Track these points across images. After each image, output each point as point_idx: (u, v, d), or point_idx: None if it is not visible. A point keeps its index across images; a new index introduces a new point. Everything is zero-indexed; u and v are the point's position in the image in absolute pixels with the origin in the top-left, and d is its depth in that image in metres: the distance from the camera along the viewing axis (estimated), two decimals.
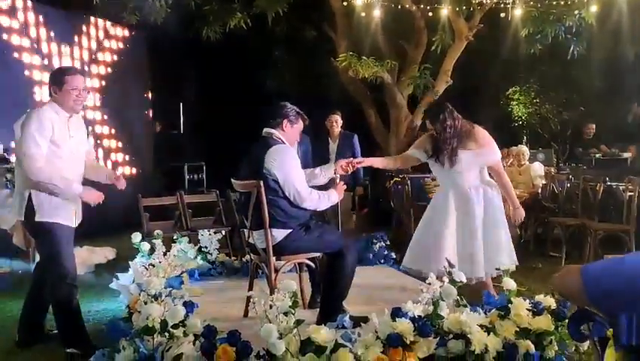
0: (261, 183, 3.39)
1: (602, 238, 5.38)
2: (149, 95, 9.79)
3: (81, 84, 3.23)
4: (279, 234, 3.45)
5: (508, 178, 3.78)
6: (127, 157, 9.12)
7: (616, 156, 7.78)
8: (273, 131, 3.52)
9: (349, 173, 3.94)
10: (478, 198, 3.69)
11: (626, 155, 7.73)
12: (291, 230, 3.45)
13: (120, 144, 8.96)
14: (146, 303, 2.77)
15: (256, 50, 9.98)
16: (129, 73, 9.10)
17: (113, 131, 8.80)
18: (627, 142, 8.48)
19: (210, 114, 10.40)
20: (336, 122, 6.14)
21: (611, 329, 1.07)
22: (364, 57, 7.54)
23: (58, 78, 3.20)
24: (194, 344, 2.62)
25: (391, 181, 6.65)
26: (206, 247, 5.03)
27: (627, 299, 1.06)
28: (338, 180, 3.69)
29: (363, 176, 6.67)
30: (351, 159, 3.98)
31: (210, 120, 10.38)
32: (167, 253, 4.33)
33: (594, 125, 9.41)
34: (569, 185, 6.35)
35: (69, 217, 3.28)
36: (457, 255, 3.64)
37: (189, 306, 3.00)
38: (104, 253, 6.20)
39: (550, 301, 2.99)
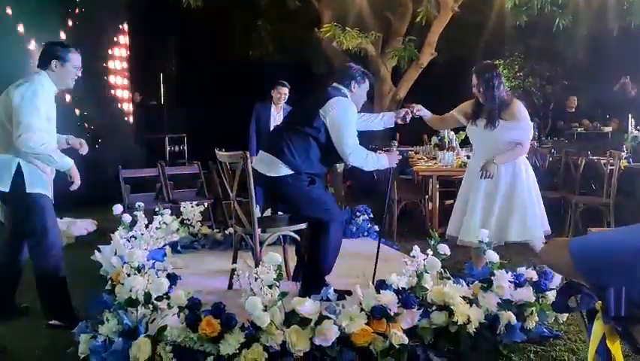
0: (247, 154, 3.35)
1: (582, 211, 5.46)
2: (128, 65, 9.56)
3: (80, 63, 3.28)
4: (284, 170, 3.35)
5: (518, 154, 3.68)
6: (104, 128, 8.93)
7: (597, 130, 7.86)
8: (342, 87, 3.50)
9: (408, 122, 3.90)
10: (506, 167, 3.64)
11: (608, 129, 7.81)
12: (297, 173, 3.36)
13: (101, 114, 8.74)
14: (129, 275, 2.74)
15: (238, 19, 9.78)
16: (107, 43, 8.84)
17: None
18: (609, 116, 8.58)
19: (191, 85, 10.23)
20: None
21: (599, 301, 1.07)
22: (348, 28, 7.43)
23: (63, 54, 3.22)
24: (178, 316, 2.60)
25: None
26: (188, 220, 4.99)
27: (615, 271, 1.06)
28: (394, 149, 3.71)
29: None
30: (412, 106, 3.89)
31: (191, 91, 10.22)
32: (149, 225, 4.28)
33: (576, 99, 9.49)
34: (550, 158, 6.41)
35: (50, 189, 3.29)
36: (482, 220, 3.63)
37: (173, 278, 2.98)
38: (84, 225, 6.12)
39: (531, 274, 3.04)
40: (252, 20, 9.79)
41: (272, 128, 5.91)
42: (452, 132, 6.16)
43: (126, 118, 9.16)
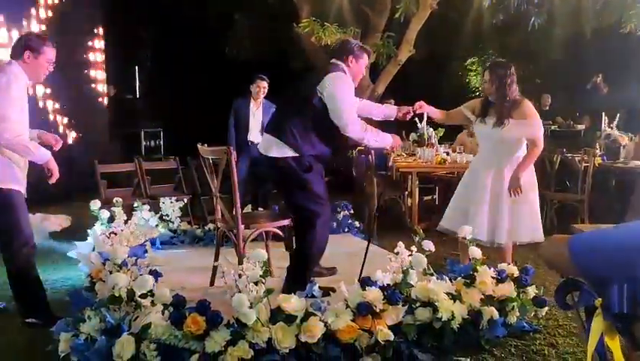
0: (231, 149, 3.31)
1: (557, 207, 5.57)
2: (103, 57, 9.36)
3: (53, 57, 3.19)
4: (286, 151, 3.31)
5: (534, 157, 3.69)
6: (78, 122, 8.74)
7: (571, 127, 8.03)
8: (339, 62, 3.45)
9: (407, 119, 3.90)
10: (511, 166, 3.64)
11: (581, 127, 7.98)
12: (299, 155, 3.32)
13: (75, 109, 8.55)
14: (111, 272, 2.68)
15: (216, 13, 9.67)
16: (84, 35, 8.64)
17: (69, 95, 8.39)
18: (579, 114, 8.77)
19: (167, 79, 10.10)
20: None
21: (598, 298, 1.08)
22: (327, 23, 7.41)
23: (37, 46, 3.11)
24: (162, 313, 2.56)
25: (354, 150, 6.65)
26: (167, 215, 4.92)
27: (616, 268, 1.07)
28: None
29: None
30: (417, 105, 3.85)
31: (167, 85, 10.09)
32: (128, 221, 4.21)
33: (549, 97, 9.68)
34: None
35: (23, 184, 3.17)
36: (485, 217, 3.65)
37: (155, 275, 2.94)
38: (59, 221, 5.97)
39: (512, 269, 3.09)
40: (229, 14, 9.70)
41: (251, 124, 5.89)
42: (431, 129, 6.21)
43: (102, 111, 8.99)
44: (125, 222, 4.12)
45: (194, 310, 2.54)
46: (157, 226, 4.67)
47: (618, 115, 6.53)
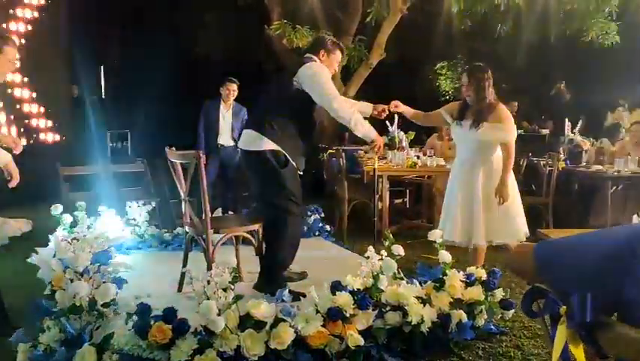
0: (200, 153, 3.26)
1: (524, 210, 5.66)
2: (67, 56, 9.13)
3: (15, 56, 3.12)
4: (265, 144, 3.33)
5: (512, 160, 3.73)
6: (45, 123, 8.51)
7: (536, 132, 8.20)
8: (312, 56, 3.49)
9: (383, 117, 3.93)
10: (485, 168, 3.69)
11: (545, 131, 8.16)
12: (277, 149, 3.33)
13: (37, 110, 8.32)
14: (72, 280, 2.60)
15: (185, 13, 9.54)
16: (46, 32, 8.41)
17: (30, 96, 8.15)
18: (543, 117, 8.98)
19: (135, 79, 9.89)
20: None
21: (563, 306, 1.09)
22: (299, 26, 7.40)
23: None
24: (126, 322, 2.49)
25: (325, 153, 6.64)
26: (134, 219, 4.82)
27: (579, 277, 1.08)
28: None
29: None
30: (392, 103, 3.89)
31: (135, 86, 9.88)
32: (92, 225, 4.10)
33: (516, 104, 9.86)
34: None
35: None
36: (461, 218, 3.69)
37: (119, 282, 2.86)
38: (19, 225, 5.78)
39: (481, 273, 3.12)
40: (199, 15, 9.59)
41: (221, 127, 5.82)
42: (402, 132, 6.25)
43: (65, 113, 8.76)
44: (89, 227, 4.00)
45: (160, 318, 2.48)
46: (123, 230, 4.55)
47: (580, 121, 6.70)
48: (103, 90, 10.35)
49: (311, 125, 3.48)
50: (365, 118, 3.87)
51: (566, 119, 6.65)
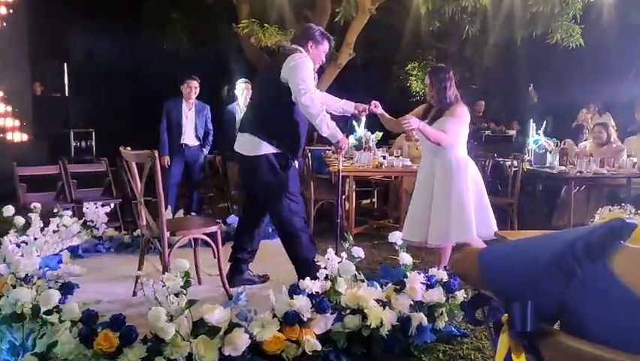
0: (155, 153, 3.16)
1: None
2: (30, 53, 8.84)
3: None
4: (264, 148, 3.36)
5: (444, 140, 3.64)
6: (7, 123, 8.22)
7: (503, 133, 8.28)
8: (299, 47, 3.46)
9: (361, 116, 3.95)
10: (442, 169, 3.68)
11: (511, 132, 8.25)
12: (276, 151, 3.35)
13: (4, 109, 8.03)
14: (14, 286, 2.47)
15: (151, 10, 9.33)
16: (8, 29, 8.12)
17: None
18: (513, 120, 9.09)
19: (100, 77, 9.65)
20: (249, 90, 5.93)
21: (506, 315, 1.04)
22: (267, 25, 7.31)
23: None
24: (70, 330, 2.37)
25: None
26: (92, 221, 4.65)
27: (521, 284, 1.04)
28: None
29: None
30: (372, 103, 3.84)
31: (100, 83, 9.64)
32: (46, 228, 3.93)
33: (483, 103, 9.98)
34: None
35: None
36: (417, 218, 3.71)
37: (67, 288, 2.74)
38: None
39: (442, 275, 3.09)
40: (166, 12, 9.39)
41: (184, 126, 5.70)
42: (369, 132, 6.22)
43: (27, 111, 8.48)
44: (42, 229, 3.84)
45: (108, 325, 2.37)
46: (79, 232, 4.39)
47: (546, 122, 6.78)
48: (66, 88, 10.05)
49: (307, 120, 3.43)
50: (347, 116, 3.84)
51: (531, 120, 6.71)
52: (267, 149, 3.37)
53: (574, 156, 5.93)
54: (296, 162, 3.52)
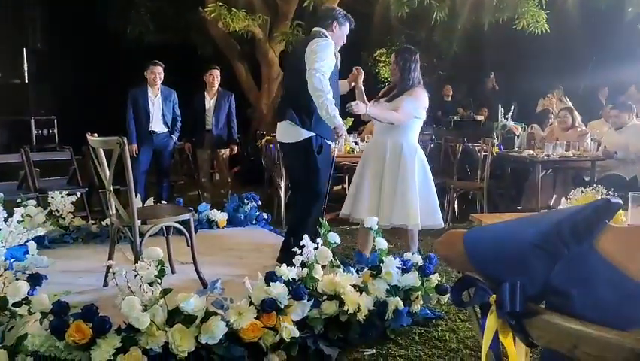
0: (124, 139, 3.06)
1: (460, 194, 5.78)
2: None
3: None
4: (304, 133, 3.48)
5: (395, 118, 3.60)
6: None
7: (471, 118, 8.38)
8: (321, 29, 3.55)
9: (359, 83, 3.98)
10: (393, 151, 3.64)
11: (480, 117, 8.36)
12: (312, 136, 3.47)
13: None
14: None
15: None
16: None
17: None
18: (481, 106, 9.21)
19: (61, 63, 9.31)
20: (217, 77, 5.88)
21: (493, 295, 1.05)
22: (235, 9, 7.18)
23: None
24: (41, 322, 2.30)
25: (263, 140, 6.50)
26: (57, 211, 4.52)
27: (508, 264, 1.04)
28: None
29: None
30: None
31: (61, 70, 9.31)
32: (10, 218, 3.79)
33: (451, 88, 10.08)
34: (431, 145, 6.71)
35: None
36: (363, 197, 3.68)
37: (36, 279, 2.65)
38: None
39: (417, 259, 3.12)
40: None
41: (152, 113, 5.57)
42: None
43: None
44: (5, 219, 3.70)
45: (80, 316, 2.31)
46: (44, 222, 4.26)
47: (513, 107, 6.89)
48: (26, 75, 9.67)
49: (338, 101, 3.49)
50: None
51: (499, 106, 6.81)
52: (304, 134, 3.50)
53: (540, 140, 6.06)
54: (332, 144, 3.59)
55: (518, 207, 5.77)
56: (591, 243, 0.96)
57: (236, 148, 6.20)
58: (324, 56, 3.38)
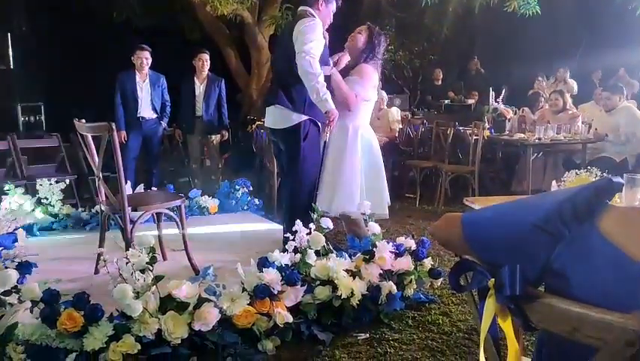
0: (113, 125, 3.02)
1: (451, 178, 5.78)
2: None
3: None
4: (295, 117, 3.38)
5: (351, 98, 3.47)
6: None
7: (462, 102, 8.36)
8: (308, 8, 3.47)
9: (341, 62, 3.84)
10: (340, 134, 3.52)
11: (471, 101, 8.34)
12: (305, 119, 3.38)
13: None
14: None
15: None
16: None
17: None
18: (471, 89, 9.19)
19: (47, 48, 9.14)
20: (206, 62, 5.79)
21: (492, 279, 1.03)
22: None
23: None
24: (31, 311, 2.27)
25: (253, 125, 6.45)
26: (46, 198, 4.46)
27: (507, 248, 1.03)
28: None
29: None
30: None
31: (47, 54, 9.14)
32: None
33: (441, 72, 10.05)
34: (423, 129, 6.70)
35: None
36: (324, 185, 3.54)
37: (26, 267, 2.62)
38: None
39: (410, 243, 3.11)
40: None
41: (140, 98, 5.49)
42: None
43: None
44: None
45: (71, 304, 2.28)
46: (33, 210, 4.21)
47: (503, 90, 6.88)
48: (11, 60, 9.50)
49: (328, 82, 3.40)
50: None
51: (490, 89, 6.80)
52: (296, 118, 3.39)
53: (531, 124, 6.06)
54: (327, 128, 3.48)
55: (511, 190, 5.79)
56: (592, 223, 0.94)
57: (227, 134, 6.14)
58: (312, 37, 3.29)
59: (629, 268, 0.87)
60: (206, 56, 5.84)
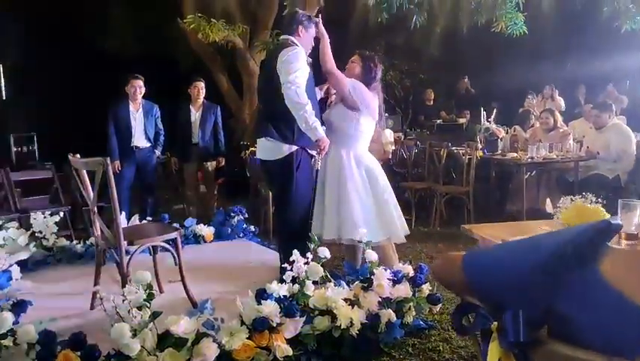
0: (107, 160, 3.00)
1: (446, 199, 5.79)
2: None
3: None
4: (285, 148, 3.36)
5: (335, 78, 3.51)
6: None
7: (454, 121, 8.42)
8: (288, 36, 3.48)
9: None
10: (334, 159, 3.52)
11: (462, 121, 8.40)
12: (296, 149, 3.37)
13: None
14: None
15: (92, 6, 8.94)
16: None
17: None
18: (462, 109, 9.28)
19: (40, 78, 9.16)
20: (202, 89, 5.82)
21: (495, 322, 1.03)
22: (214, 20, 7.14)
23: None
24: (27, 354, 2.24)
25: (247, 151, 6.46)
26: (40, 232, 4.42)
27: (508, 291, 1.03)
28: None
29: None
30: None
31: (40, 85, 9.16)
32: None
33: (432, 92, 10.14)
34: (416, 150, 6.72)
35: None
36: (320, 212, 3.51)
37: (21, 307, 2.59)
38: None
39: (408, 269, 3.10)
40: (107, 9, 9.02)
41: (133, 128, 5.49)
42: None
43: None
44: None
45: (67, 344, 2.25)
46: (27, 245, 4.16)
47: (495, 110, 6.94)
48: (3, 91, 9.51)
49: (317, 111, 3.41)
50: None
51: (482, 109, 6.85)
52: (286, 150, 3.38)
53: (524, 142, 6.10)
54: (315, 155, 3.47)
55: (505, 209, 5.80)
56: (594, 266, 0.95)
57: (222, 160, 6.14)
58: (296, 66, 3.27)
59: (632, 313, 0.87)
60: (201, 84, 5.87)
